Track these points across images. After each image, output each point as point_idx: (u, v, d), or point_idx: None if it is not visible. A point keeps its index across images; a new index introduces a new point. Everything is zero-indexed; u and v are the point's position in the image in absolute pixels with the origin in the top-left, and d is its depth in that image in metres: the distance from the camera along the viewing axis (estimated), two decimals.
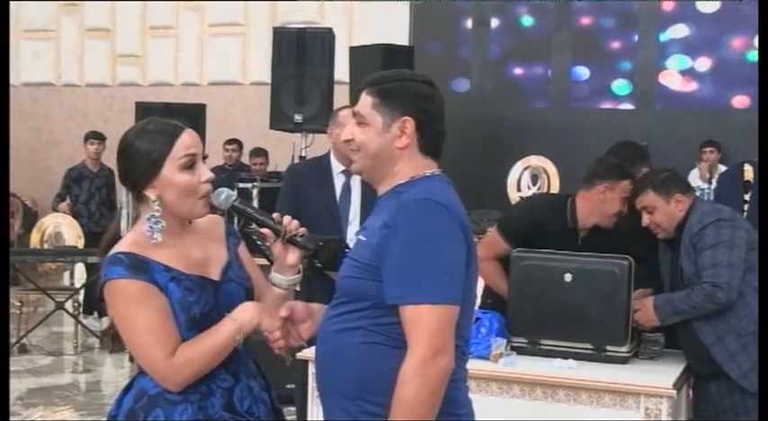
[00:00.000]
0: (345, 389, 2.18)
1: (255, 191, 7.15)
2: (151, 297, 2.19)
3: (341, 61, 7.52)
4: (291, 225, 2.34)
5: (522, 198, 7.77)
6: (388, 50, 7.35)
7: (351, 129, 2.30)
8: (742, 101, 9.07)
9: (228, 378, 2.29)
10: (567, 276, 3.64)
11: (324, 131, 5.08)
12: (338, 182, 4.42)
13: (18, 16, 11.96)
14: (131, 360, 6.66)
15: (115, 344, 7.51)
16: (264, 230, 2.34)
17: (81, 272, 9.03)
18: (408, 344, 2.08)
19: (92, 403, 6.29)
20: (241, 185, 7.25)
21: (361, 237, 2.23)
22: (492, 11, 9.94)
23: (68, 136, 11.77)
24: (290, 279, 2.38)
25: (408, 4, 10.14)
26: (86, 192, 9.27)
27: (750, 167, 5.06)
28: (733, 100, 9.16)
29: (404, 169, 2.25)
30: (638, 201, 3.74)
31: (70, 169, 9.45)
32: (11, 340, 7.68)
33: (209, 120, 8.37)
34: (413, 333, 2.07)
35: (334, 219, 4.35)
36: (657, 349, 3.78)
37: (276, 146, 9.03)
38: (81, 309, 8.41)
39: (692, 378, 3.73)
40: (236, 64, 11.47)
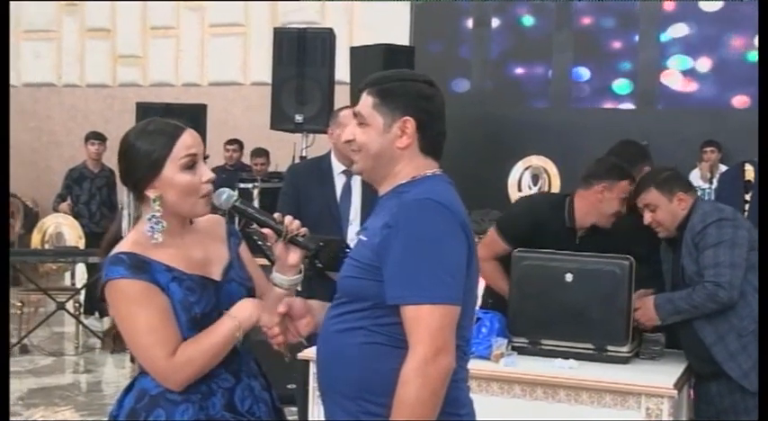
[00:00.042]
0: (347, 389, 2.18)
1: (256, 191, 7.14)
2: (152, 297, 2.19)
3: (341, 61, 7.52)
4: (293, 225, 2.34)
5: (520, 197, 7.74)
6: (388, 50, 7.35)
7: (352, 129, 2.30)
8: (743, 101, 9.07)
9: (229, 378, 2.29)
10: (568, 276, 3.64)
11: (324, 132, 5.08)
12: (339, 182, 4.42)
13: (19, 17, 11.97)
14: (132, 360, 6.66)
15: (116, 344, 7.51)
16: (266, 230, 2.34)
17: (82, 272, 9.02)
18: (409, 344, 2.08)
19: (93, 403, 6.29)
20: (242, 186, 7.24)
21: (362, 238, 2.23)
22: (493, 11, 9.94)
23: (69, 136, 11.77)
24: (291, 279, 2.38)
25: (409, 4, 10.14)
26: (87, 193, 9.28)
27: (751, 167, 5.06)
28: (734, 100, 9.16)
29: (405, 169, 2.25)
30: (640, 199, 3.74)
31: (71, 169, 9.46)
32: (12, 340, 7.68)
33: (209, 121, 8.37)
34: (414, 333, 2.07)
35: (335, 219, 4.34)
36: (658, 349, 3.78)
37: (277, 146, 9.03)
38: (82, 310, 8.41)
39: (692, 378, 3.73)
40: (237, 64, 11.47)
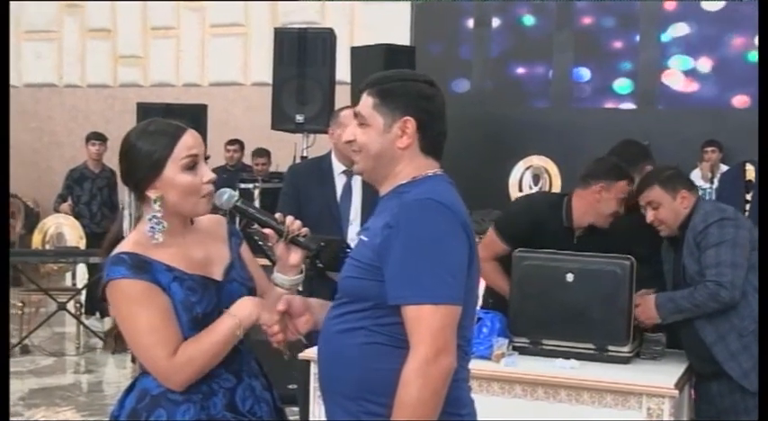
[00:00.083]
0: (347, 389, 2.18)
1: (257, 191, 7.14)
2: (153, 297, 2.19)
3: (342, 61, 7.52)
4: (294, 225, 2.34)
5: (518, 197, 7.75)
6: (389, 51, 7.34)
7: (352, 130, 2.30)
8: (743, 100, 9.06)
9: (231, 378, 2.29)
10: (569, 276, 3.64)
11: (325, 132, 5.08)
12: (339, 182, 4.41)
13: (19, 17, 11.98)
14: (133, 360, 6.67)
15: (118, 344, 7.51)
16: (267, 231, 2.34)
17: (83, 272, 9.03)
18: (410, 344, 2.08)
19: (94, 403, 6.29)
20: (243, 186, 7.24)
21: (363, 238, 2.23)
22: (493, 11, 9.94)
23: (70, 137, 11.77)
24: (292, 279, 2.39)
25: (409, 4, 10.14)
26: (88, 193, 9.28)
27: (752, 167, 5.07)
28: (735, 99, 9.15)
29: (405, 169, 2.24)
30: (643, 197, 3.73)
31: (72, 170, 9.46)
32: (13, 341, 7.69)
33: (210, 121, 8.37)
34: (415, 333, 2.07)
35: (335, 219, 4.34)
36: (659, 349, 3.78)
37: (277, 146, 9.03)
38: (83, 310, 8.42)
39: (693, 378, 3.73)
40: (238, 64, 11.48)
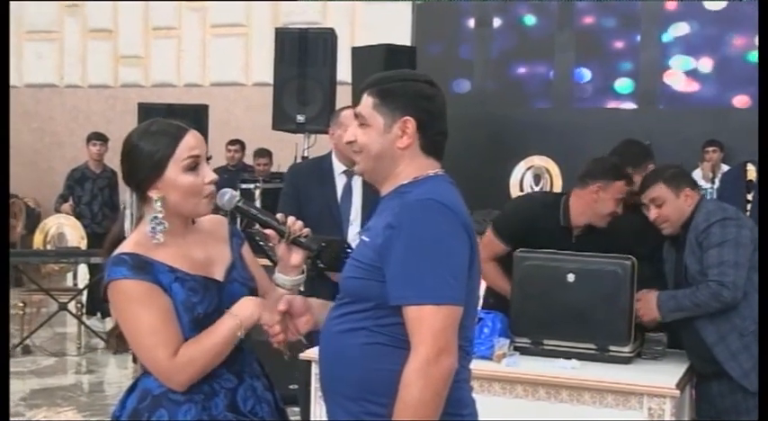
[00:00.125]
0: (348, 389, 2.18)
1: (258, 191, 7.14)
2: (155, 297, 2.19)
3: (343, 62, 7.52)
4: (295, 226, 2.34)
5: (515, 197, 7.73)
6: (390, 51, 7.34)
7: (353, 130, 2.30)
8: (744, 100, 9.06)
9: (232, 378, 2.29)
10: (570, 276, 3.64)
11: (326, 132, 5.07)
12: (339, 182, 4.41)
13: (21, 17, 11.99)
14: (135, 361, 6.67)
15: (120, 344, 7.50)
16: (268, 231, 2.34)
17: (84, 273, 9.04)
18: (412, 344, 2.08)
19: (95, 404, 6.29)
20: (243, 186, 7.24)
21: (365, 238, 2.23)
22: (494, 11, 9.93)
23: (71, 137, 11.78)
24: (293, 279, 2.39)
25: (410, 4, 10.14)
26: (89, 193, 9.28)
27: (753, 167, 5.07)
28: (736, 99, 9.14)
29: (406, 169, 2.24)
30: (646, 194, 3.73)
31: (73, 170, 9.47)
32: (14, 341, 7.69)
33: (211, 121, 8.38)
34: (416, 333, 2.07)
35: (336, 219, 4.34)
36: (660, 349, 3.78)
37: (279, 146, 9.03)
38: (84, 310, 8.42)
39: (695, 377, 3.73)
40: (239, 64, 11.48)
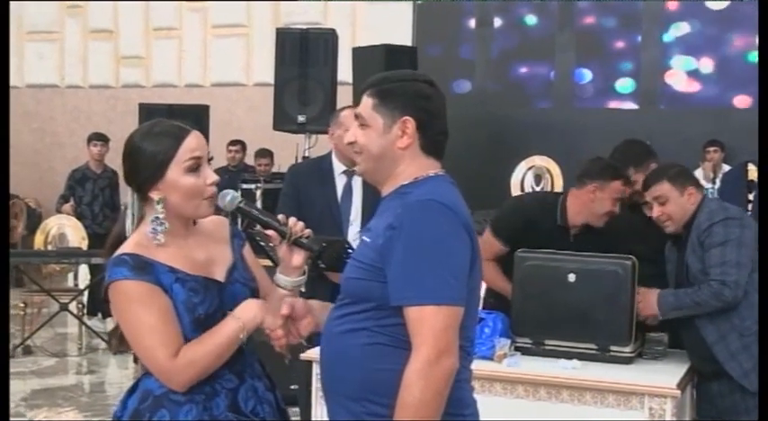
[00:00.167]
0: (350, 390, 2.18)
1: (259, 192, 7.14)
2: (155, 298, 2.19)
3: (344, 62, 7.52)
4: (297, 227, 2.34)
5: (511, 197, 7.72)
6: (391, 51, 7.35)
7: (353, 131, 2.30)
8: (745, 100, 9.05)
9: (233, 378, 2.29)
10: (571, 276, 3.64)
11: (327, 132, 5.08)
12: (339, 182, 4.41)
13: (21, 18, 12.00)
14: (136, 361, 6.67)
15: (121, 345, 7.49)
16: (270, 232, 2.34)
17: (85, 273, 9.05)
18: (413, 345, 2.08)
19: (96, 404, 6.29)
20: (244, 186, 7.25)
21: (366, 239, 2.23)
22: (495, 11, 9.93)
23: (72, 137, 11.79)
24: (295, 280, 2.38)
25: (411, 4, 10.14)
26: (90, 194, 9.29)
27: (754, 167, 5.06)
28: (737, 99, 9.14)
29: (407, 170, 2.24)
30: (650, 192, 3.72)
31: (74, 171, 9.47)
32: (15, 341, 7.70)
33: (212, 122, 8.38)
34: (417, 334, 2.07)
35: (336, 219, 4.34)
36: (661, 349, 3.78)
37: (280, 147, 9.03)
38: (85, 311, 8.42)
39: (695, 377, 3.73)
40: (240, 65, 11.49)
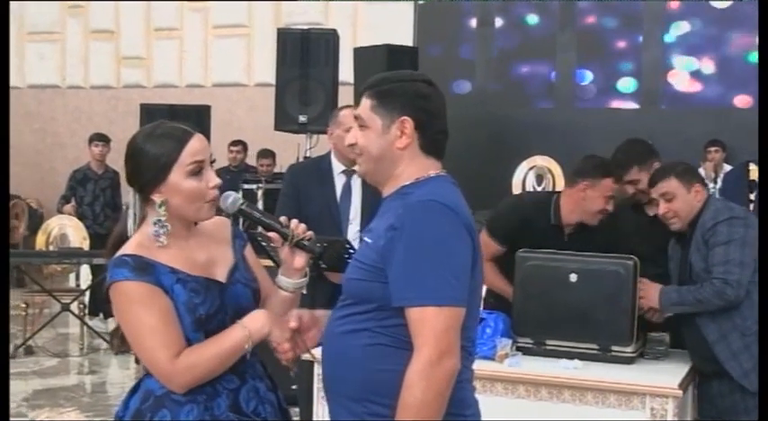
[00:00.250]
0: (351, 390, 2.18)
1: (260, 192, 7.15)
2: (156, 298, 2.19)
3: (345, 62, 7.52)
4: (299, 229, 2.34)
5: (506, 198, 7.71)
6: (392, 51, 7.35)
7: (354, 133, 2.30)
8: (746, 100, 9.04)
9: (234, 379, 2.29)
10: (572, 276, 3.64)
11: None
12: (339, 182, 4.42)
13: (23, 18, 12.01)
14: (137, 361, 6.66)
15: (122, 345, 7.49)
16: (272, 234, 2.34)
17: (86, 273, 9.06)
18: (414, 346, 2.07)
19: (97, 404, 6.30)
20: (246, 186, 7.25)
21: (367, 239, 2.23)
22: (496, 10, 9.93)
23: (73, 138, 11.80)
24: (296, 282, 2.38)
25: (412, 4, 10.14)
26: (91, 194, 9.29)
27: (755, 167, 5.06)
28: (738, 99, 9.13)
29: (407, 170, 2.24)
30: (657, 189, 3.72)
31: (75, 171, 9.47)
32: (17, 342, 7.71)
33: (213, 122, 8.38)
34: (419, 335, 2.07)
35: (335, 219, 4.34)
36: (663, 349, 3.77)
37: (281, 147, 9.04)
38: (86, 311, 8.42)
39: (697, 377, 3.73)
40: (241, 65, 11.49)
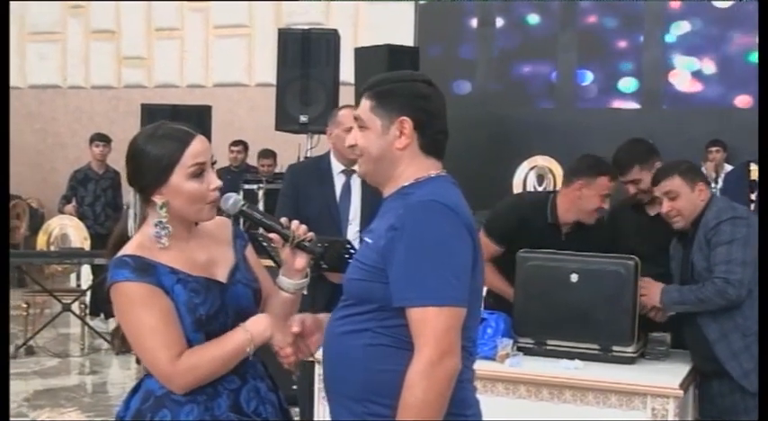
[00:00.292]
0: (352, 390, 2.18)
1: (261, 192, 7.15)
2: (156, 299, 2.19)
3: (346, 62, 7.52)
4: (300, 230, 2.34)
5: (504, 199, 7.71)
6: (393, 51, 7.35)
7: (354, 134, 2.30)
8: (747, 100, 9.04)
9: (235, 379, 2.29)
10: (573, 277, 3.64)
11: None
12: (338, 181, 4.42)
13: (23, 18, 12.01)
14: (138, 361, 6.66)
15: (123, 345, 7.48)
16: (272, 235, 2.34)
17: (87, 273, 9.06)
18: (415, 346, 2.07)
19: (98, 404, 6.30)
20: (246, 187, 7.25)
21: (368, 240, 2.23)
22: (497, 10, 9.93)
23: (74, 138, 11.80)
24: (298, 283, 2.38)
25: (413, 4, 10.14)
26: (92, 194, 9.29)
27: (756, 167, 5.05)
28: (738, 99, 9.13)
29: (407, 170, 2.24)
30: (660, 187, 3.71)
31: (76, 171, 9.47)
32: (18, 342, 7.71)
33: (214, 122, 8.38)
34: (420, 335, 2.07)
35: (334, 218, 4.35)
36: (664, 349, 3.77)
37: (282, 147, 9.03)
38: (87, 311, 8.43)
39: (698, 377, 3.73)
40: (242, 65, 11.49)
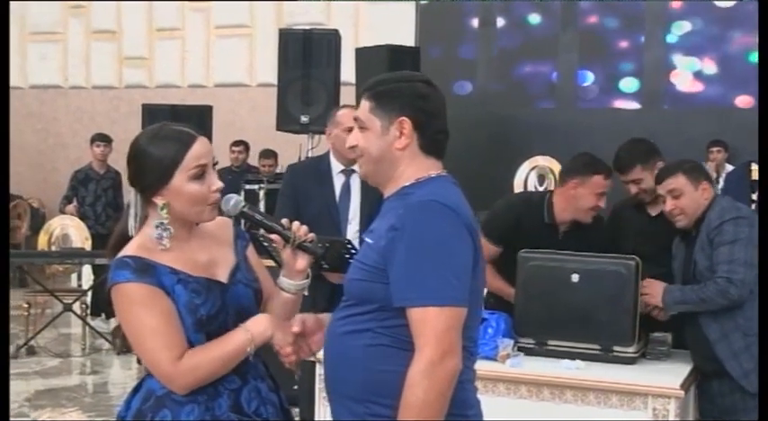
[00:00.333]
0: (353, 391, 2.18)
1: (262, 192, 7.15)
2: (157, 300, 2.19)
3: (347, 62, 7.52)
4: (301, 231, 2.34)
5: (500, 199, 7.70)
6: (393, 51, 7.35)
7: (354, 135, 2.31)
8: (748, 100, 9.04)
9: (236, 379, 2.29)
10: (574, 277, 3.64)
11: None
12: (338, 181, 4.42)
13: (24, 18, 12.01)
14: (139, 361, 6.67)
15: (124, 345, 7.51)
16: (273, 236, 2.34)
17: (88, 273, 9.07)
18: (416, 346, 2.07)
19: (99, 404, 6.30)
20: (248, 187, 7.25)
21: (368, 240, 2.22)
22: (498, 10, 9.93)
23: (75, 138, 11.80)
24: (299, 284, 2.39)
25: (414, 4, 10.14)
26: (93, 194, 9.29)
27: (757, 167, 5.05)
28: (739, 99, 9.13)
29: (407, 170, 2.24)
30: (664, 185, 3.71)
31: (77, 171, 9.47)
32: (19, 342, 7.71)
33: (215, 122, 8.38)
34: (420, 335, 2.07)
35: (334, 218, 4.34)
36: (665, 349, 3.77)
37: (283, 147, 9.03)
38: (88, 311, 8.43)
39: (698, 376, 3.73)
40: (243, 65, 11.49)
